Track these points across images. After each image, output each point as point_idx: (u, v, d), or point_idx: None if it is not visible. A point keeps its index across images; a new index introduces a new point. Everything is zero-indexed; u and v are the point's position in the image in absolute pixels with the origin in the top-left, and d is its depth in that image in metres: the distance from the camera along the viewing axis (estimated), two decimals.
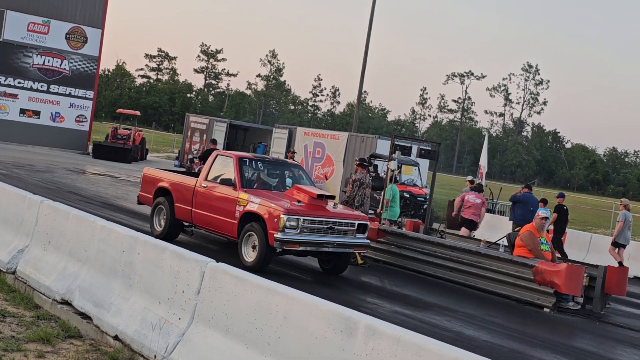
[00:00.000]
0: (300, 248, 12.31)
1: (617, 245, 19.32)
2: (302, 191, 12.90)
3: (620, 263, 18.70)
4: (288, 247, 12.14)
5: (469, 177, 23.63)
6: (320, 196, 12.77)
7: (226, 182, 13.30)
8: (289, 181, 14.31)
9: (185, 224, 14.67)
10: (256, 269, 11.81)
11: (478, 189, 19.21)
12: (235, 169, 13.42)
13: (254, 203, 12.60)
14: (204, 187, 13.86)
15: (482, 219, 18.89)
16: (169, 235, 14.34)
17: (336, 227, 12.62)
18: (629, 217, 19.45)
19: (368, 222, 13.21)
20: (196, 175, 15.24)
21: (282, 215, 11.98)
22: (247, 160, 13.94)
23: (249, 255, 12.56)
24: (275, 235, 11.99)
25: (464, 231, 18.23)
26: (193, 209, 13.98)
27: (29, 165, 27.84)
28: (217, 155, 14.30)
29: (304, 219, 12.17)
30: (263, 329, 6.24)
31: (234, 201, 13.01)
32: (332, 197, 13.31)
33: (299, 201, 12.52)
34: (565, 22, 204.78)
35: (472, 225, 18.44)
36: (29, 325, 8.07)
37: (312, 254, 13.14)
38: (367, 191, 15.65)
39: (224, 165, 13.85)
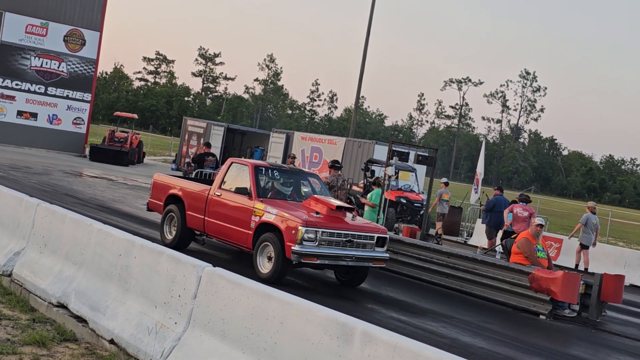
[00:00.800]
0: (318, 261, 11.92)
1: (583, 247, 20.12)
2: (320, 202, 12.52)
3: (577, 266, 19.56)
4: (306, 260, 11.74)
5: (444, 179, 24.07)
6: (339, 208, 12.37)
7: (241, 191, 12.86)
8: (305, 191, 13.87)
9: (197, 232, 14.25)
10: (272, 280, 11.55)
11: (526, 200, 18.86)
12: (250, 177, 13.04)
13: (271, 214, 12.19)
14: (218, 195, 13.45)
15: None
16: (180, 244, 14.04)
17: (355, 240, 12.20)
18: (591, 219, 19.98)
19: (387, 236, 12.83)
20: (209, 182, 14.89)
21: (300, 227, 11.58)
22: (263, 168, 13.53)
23: (264, 266, 12.18)
24: (292, 247, 11.60)
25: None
26: (206, 218, 13.56)
27: (26, 168, 27.80)
28: (231, 163, 13.89)
29: (322, 231, 11.77)
30: (259, 334, 6.23)
31: (249, 211, 12.61)
32: (352, 209, 12.91)
33: (317, 212, 12.17)
34: (563, 30, 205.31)
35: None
36: (25, 329, 8.05)
37: (330, 267, 12.79)
38: (340, 193, 16.05)
39: (239, 174, 13.45)
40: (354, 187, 25.42)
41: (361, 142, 31.93)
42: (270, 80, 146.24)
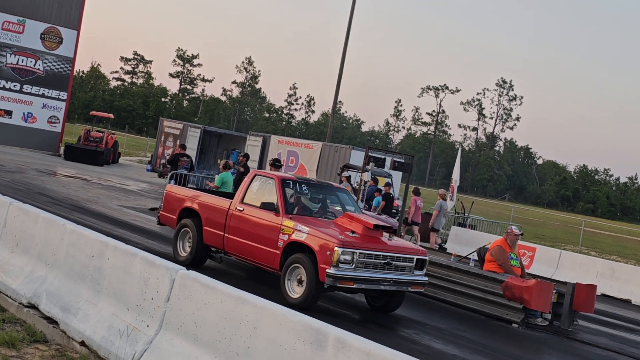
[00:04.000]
0: (355, 285, 10.87)
1: (434, 230, 22.95)
2: (356, 220, 11.49)
3: (441, 247, 22.30)
4: (342, 284, 10.71)
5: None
6: (376, 227, 11.32)
7: (268, 206, 11.77)
8: (335, 207, 12.94)
9: (213, 249, 13.24)
10: (303, 306, 10.59)
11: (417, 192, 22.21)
12: (277, 192, 11.98)
13: (302, 232, 11.14)
14: (240, 210, 12.36)
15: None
16: (195, 261, 13.09)
17: (394, 262, 11.22)
18: (444, 205, 23.34)
19: (427, 258, 11.87)
20: (229, 195, 14.12)
21: (336, 248, 10.55)
22: (291, 182, 12.52)
23: (294, 290, 11.14)
24: (327, 270, 10.57)
25: None
26: (226, 234, 12.50)
27: None
28: (254, 175, 12.88)
29: (359, 253, 10.77)
30: (232, 339, 6.20)
31: (276, 229, 11.54)
32: (390, 229, 11.81)
33: (352, 232, 11.15)
34: (539, 39, 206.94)
35: None
36: None
37: (365, 291, 11.92)
38: None
39: (263, 187, 12.42)
40: None
41: (338, 147, 31.94)
42: (248, 83, 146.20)
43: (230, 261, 14.27)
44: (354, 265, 10.72)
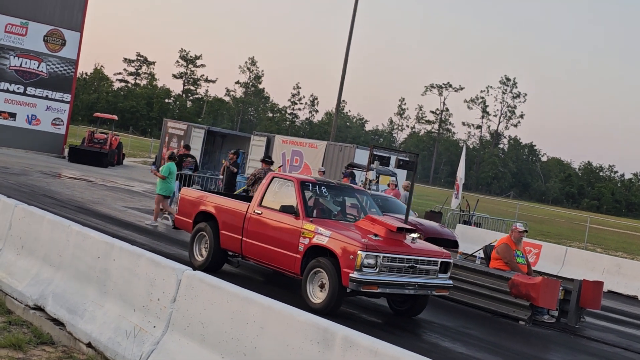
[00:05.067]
0: (379, 290, 10.64)
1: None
2: (378, 223, 11.24)
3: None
4: (365, 288, 10.47)
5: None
6: (400, 229, 11.10)
7: (287, 209, 11.52)
8: (355, 210, 12.79)
9: (230, 253, 13.01)
10: (326, 311, 10.42)
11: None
12: (297, 194, 11.72)
13: (323, 235, 10.91)
14: (259, 213, 12.11)
15: None
16: (212, 265, 12.83)
17: (418, 265, 10.97)
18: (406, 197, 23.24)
19: (452, 260, 11.61)
20: (247, 199, 13.86)
21: (359, 252, 10.32)
22: (310, 184, 12.25)
23: (316, 295, 10.93)
24: (351, 275, 10.34)
25: None
26: (244, 238, 12.26)
27: (4, 168, 27.53)
28: (272, 177, 12.60)
29: (383, 256, 10.55)
30: (239, 339, 6.18)
31: (297, 232, 11.31)
32: (413, 231, 11.50)
33: (375, 235, 10.91)
34: (543, 36, 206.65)
35: None
36: (0, 331, 7.95)
37: (389, 295, 11.64)
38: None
39: (281, 190, 12.16)
40: None
41: (342, 146, 31.94)
42: (251, 83, 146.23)
43: (249, 265, 14.02)
44: (377, 269, 10.49)
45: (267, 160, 17.34)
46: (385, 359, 5.18)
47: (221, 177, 20.08)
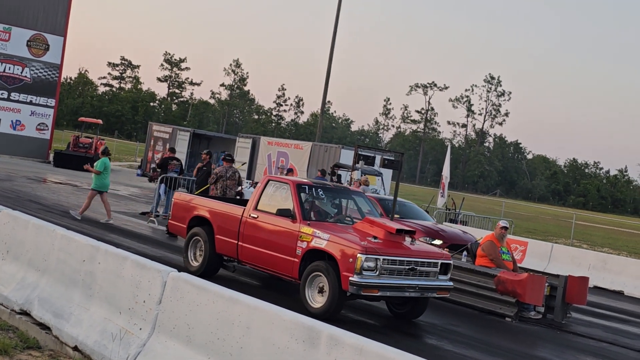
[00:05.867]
0: (379, 293, 10.49)
1: None
2: (376, 225, 11.06)
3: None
4: (366, 292, 10.29)
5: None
6: (399, 231, 10.90)
7: (284, 212, 11.37)
8: (352, 212, 12.64)
9: (226, 258, 12.82)
10: (326, 316, 10.14)
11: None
12: (293, 197, 11.53)
13: (321, 239, 10.72)
14: (254, 217, 11.93)
15: None
16: (208, 271, 12.59)
17: (418, 267, 10.78)
18: (366, 191, 22.76)
19: (452, 262, 11.47)
20: (242, 202, 13.64)
21: (358, 255, 10.12)
22: (307, 187, 12.06)
23: (315, 300, 10.75)
24: (350, 278, 10.15)
25: None
26: (240, 243, 12.06)
27: None
28: (268, 180, 12.42)
29: (383, 259, 10.36)
30: (225, 339, 6.20)
31: (294, 236, 11.12)
32: (413, 233, 11.34)
33: (374, 237, 10.70)
34: (527, 35, 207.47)
35: None
36: None
37: (389, 299, 11.58)
38: (229, 183, 16.70)
39: (277, 193, 12.01)
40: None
41: (327, 147, 31.98)
42: (236, 86, 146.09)
43: (246, 270, 13.78)
44: (377, 272, 10.30)
45: (227, 158, 17.54)
46: (371, 356, 5.21)
47: (194, 178, 20.09)
